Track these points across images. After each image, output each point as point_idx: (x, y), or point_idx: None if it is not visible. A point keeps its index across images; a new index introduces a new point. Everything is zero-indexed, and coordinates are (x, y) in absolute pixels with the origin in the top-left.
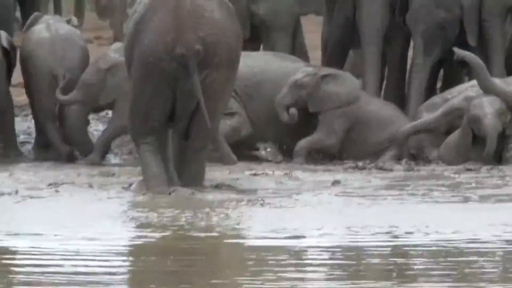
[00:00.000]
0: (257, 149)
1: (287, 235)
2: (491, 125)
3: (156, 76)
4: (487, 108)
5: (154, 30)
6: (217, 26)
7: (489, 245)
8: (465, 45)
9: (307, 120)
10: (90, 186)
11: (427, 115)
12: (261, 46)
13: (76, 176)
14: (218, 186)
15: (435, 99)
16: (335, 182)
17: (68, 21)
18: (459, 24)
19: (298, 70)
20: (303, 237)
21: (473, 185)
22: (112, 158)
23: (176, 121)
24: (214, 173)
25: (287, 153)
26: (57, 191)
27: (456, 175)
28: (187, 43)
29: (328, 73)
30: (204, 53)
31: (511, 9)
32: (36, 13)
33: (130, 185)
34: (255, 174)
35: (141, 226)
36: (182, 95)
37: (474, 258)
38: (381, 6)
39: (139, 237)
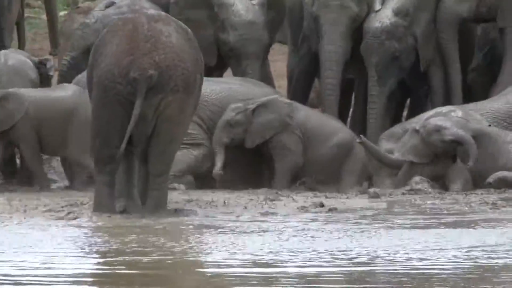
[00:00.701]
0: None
1: (247, 261)
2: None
3: (113, 99)
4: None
5: (111, 54)
6: (173, 50)
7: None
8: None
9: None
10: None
11: (387, 144)
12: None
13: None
14: (177, 211)
15: (395, 128)
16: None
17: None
18: (414, 53)
19: (228, 108)
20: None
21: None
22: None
23: (134, 146)
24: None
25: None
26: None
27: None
28: (141, 68)
29: (258, 104)
30: (159, 77)
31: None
32: None
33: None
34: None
35: (92, 252)
36: (138, 119)
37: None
38: (342, 37)
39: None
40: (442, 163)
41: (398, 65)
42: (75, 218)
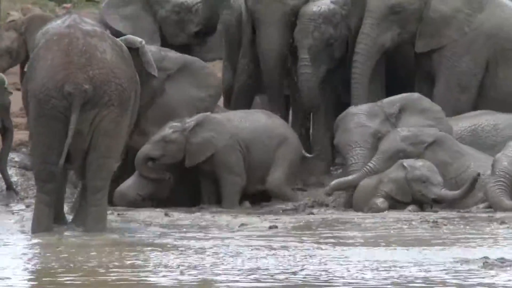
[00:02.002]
0: None
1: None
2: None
3: (48, 113)
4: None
5: (45, 68)
6: (107, 66)
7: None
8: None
9: None
10: None
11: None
12: None
13: None
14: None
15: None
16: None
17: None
18: (345, 44)
19: (167, 125)
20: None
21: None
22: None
23: (71, 162)
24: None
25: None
26: None
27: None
28: (76, 82)
29: (195, 123)
30: (93, 92)
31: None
32: None
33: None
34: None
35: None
36: (73, 135)
37: None
38: (277, 31)
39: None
40: None
41: (331, 53)
42: None
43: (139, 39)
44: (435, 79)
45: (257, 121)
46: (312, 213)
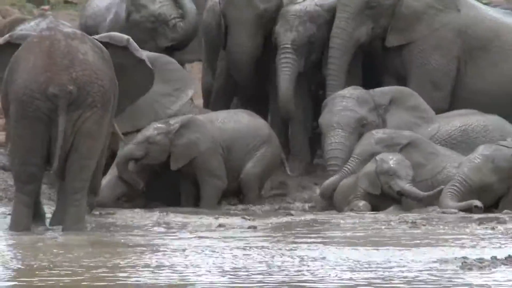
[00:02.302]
0: None
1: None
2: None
3: (31, 115)
4: (403, 163)
5: (27, 70)
6: (90, 67)
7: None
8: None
9: None
10: None
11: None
12: None
13: None
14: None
15: None
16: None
17: None
18: (321, 49)
19: (150, 125)
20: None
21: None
22: None
23: (52, 163)
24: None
25: None
26: None
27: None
28: (60, 83)
29: (180, 125)
30: (77, 93)
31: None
32: None
33: None
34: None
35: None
36: (56, 136)
37: None
38: (247, 35)
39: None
40: None
41: (311, 50)
42: None
43: (126, 36)
44: (406, 77)
45: (239, 121)
46: (291, 214)
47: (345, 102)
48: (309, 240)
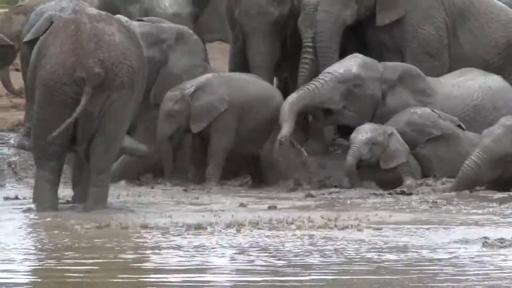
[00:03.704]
0: None
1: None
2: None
3: (58, 99)
4: (360, 135)
5: (55, 55)
6: (117, 48)
7: None
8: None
9: None
10: None
11: None
12: None
13: None
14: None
15: None
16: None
17: None
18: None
19: (165, 99)
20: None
21: None
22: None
23: (78, 144)
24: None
25: None
26: None
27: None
28: (87, 67)
29: (194, 88)
30: (105, 75)
31: None
32: None
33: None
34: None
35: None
36: (82, 117)
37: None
38: (264, 43)
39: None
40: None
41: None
42: None
43: (125, 18)
44: (402, 52)
45: (255, 83)
46: (312, 195)
47: (353, 58)
48: (329, 221)
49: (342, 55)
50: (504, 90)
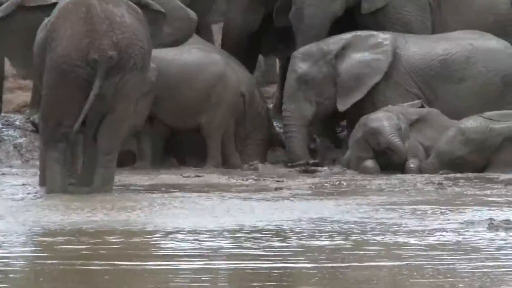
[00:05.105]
0: None
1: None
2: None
3: (70, 82)
4: (385, 122)
5: (66, 37)
6: (129, 30)
7: None
8: None
9: None
10: None
11: (302, 64)
12: None
13: None
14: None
15: (311, 47)
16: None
17: None
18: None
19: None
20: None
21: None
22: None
23: (87, 125)
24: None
25: None
26: None
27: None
28: (101, 49)
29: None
30: (119, 57)
31: None
32: None
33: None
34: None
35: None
36: (96, 99)
37: None
38: (242, 10)
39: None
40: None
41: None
42: None
43: None
44: None
45: (188, 58)
46: (317, 172)
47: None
48: (338, 203)
49: None
50: (493, 50)
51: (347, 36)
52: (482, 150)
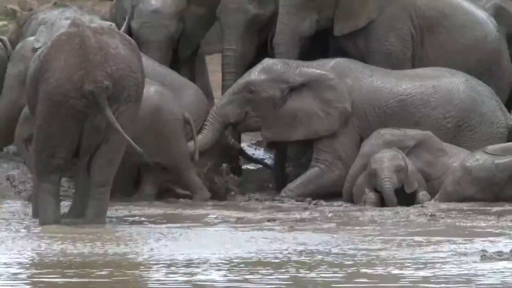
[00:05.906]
0: None
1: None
2: (387, 180)
3: (64, 113)
4: (386, 164)
5: (60, 68)
6: (123, 61)
7: None
8: None
9: None
10: None
11: None
12: None
13: None
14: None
15: None
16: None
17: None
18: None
19: None
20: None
21: None
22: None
23: (80, 157)
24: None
25: None
26: None
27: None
28: (96, 80)
29: None
30: (113, 88)
31: None
32: None
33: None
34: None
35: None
36: (89, 130)
37: None
38: (239, 40)
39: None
40: None
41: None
42: None
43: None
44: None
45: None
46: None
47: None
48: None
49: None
50: (453, 92)
51: (313, 73)
52: (490, 187)
